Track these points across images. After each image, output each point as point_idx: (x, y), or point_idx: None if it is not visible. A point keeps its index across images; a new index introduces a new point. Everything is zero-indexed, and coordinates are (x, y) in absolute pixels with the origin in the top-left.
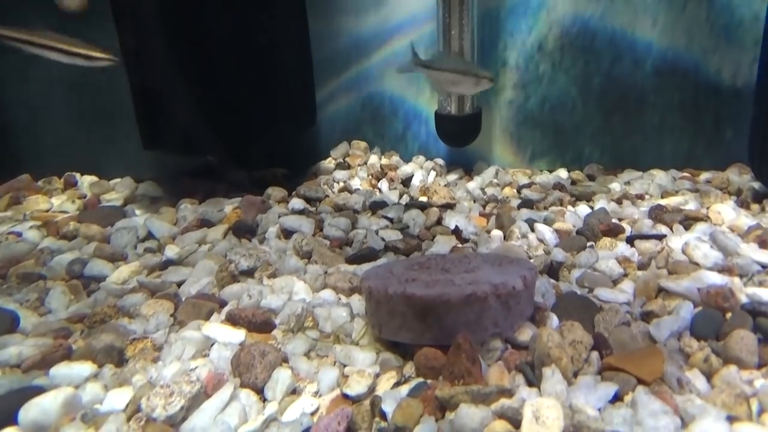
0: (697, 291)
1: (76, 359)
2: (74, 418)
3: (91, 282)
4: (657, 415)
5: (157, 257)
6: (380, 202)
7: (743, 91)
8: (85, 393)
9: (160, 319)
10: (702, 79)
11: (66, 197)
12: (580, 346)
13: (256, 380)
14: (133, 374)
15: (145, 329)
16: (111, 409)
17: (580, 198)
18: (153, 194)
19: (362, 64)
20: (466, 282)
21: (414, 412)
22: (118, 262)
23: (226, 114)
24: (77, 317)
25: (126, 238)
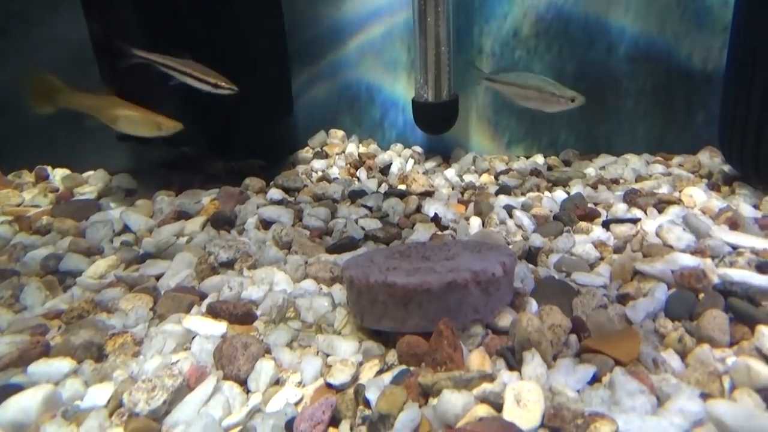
0: (671, 273)
1: (55, 356)
2: (55, 415)
3: (66, 277)
4: (634, 394)
5: (134, 251)
6: (359, 191)
7: (713, 75)
8: (65, 390)
9: (140, 314)
10: (674, 64)
11: (38, 191)
12: (559, 330)
13: (239, 372)
14: (114, 369)
15: (125, 324)
16: (92, 405)
17: (556, 183)
18: (128, 186)
19: (338, 52)
20: (447, 269)
21: (398, 399)
22: (94, 257)
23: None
24: (54, 313)
25: (102, 231)
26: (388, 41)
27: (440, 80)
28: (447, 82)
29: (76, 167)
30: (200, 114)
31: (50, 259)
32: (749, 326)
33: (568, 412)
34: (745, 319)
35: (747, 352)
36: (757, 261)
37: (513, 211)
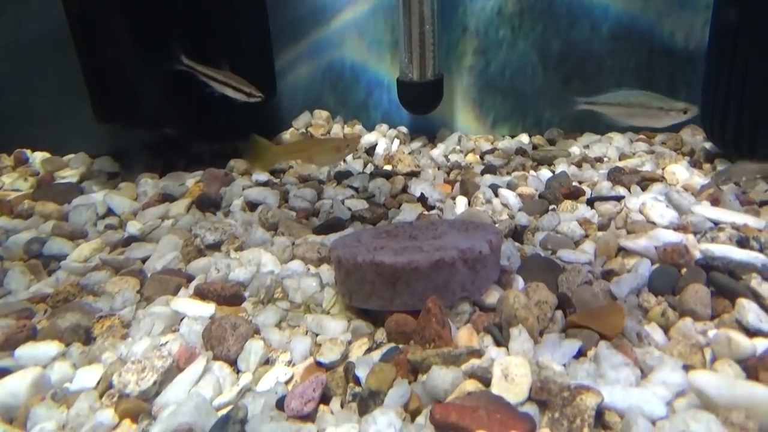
0: (654, 249)
1: (42, 339)
2: (44, 398)
3: (51, 261)
4: (618, 367)
5: (118, 234)
6: (345, 172)
7: (696, 53)
8: (53, 372)
9: (127, 296)
10: (656, 42)
11: (17, 175)
12: (545, 306)
13: (229, 352)
14: (102, 352)
15: (112, 307)
16: (81, 387)
17: (541, 162)
18: (110, 170)
19: (321, 31)
20: (434, 248)
21: (387, 376)
22: (78, 240)
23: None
24: (39, 297)
25: (85, 215)
26: (372, 20)
27: (425, 59)
28: (432, 60)
29: (56, 151)
30: (182, 96)
31: (33, 243)
32: (730, 299)
33: (555, 385)
34: (727, 292)
35: (728, 324)
36: (738, 236)
37: (499, 190)
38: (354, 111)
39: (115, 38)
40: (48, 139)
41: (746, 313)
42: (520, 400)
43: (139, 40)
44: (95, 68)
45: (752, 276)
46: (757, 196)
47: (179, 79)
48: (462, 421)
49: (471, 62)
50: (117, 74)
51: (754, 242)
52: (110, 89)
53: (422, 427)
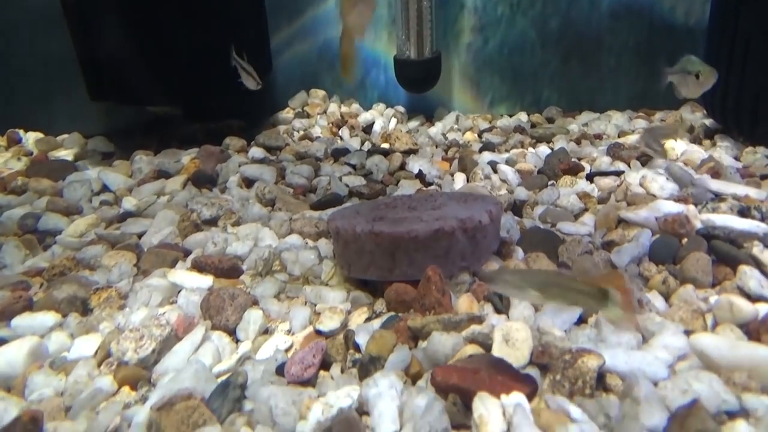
0: (655, 219)
1: (38, 310)
2: (42, 366)
3: (46, 236)
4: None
5: (114, 210)
6: (342, 149)
7: (696, 29)
8: (50, 342)
9: (123, 269)
10: (656, 18)
11: (11, 155)
12: None
13: (228, 322)
14: (100, 322)
15: (108, 279)
16: (80, 356)
17: (540, 140)
18: (104, 150)
19: (317, 8)
20: (434, 218)
21: (387, 342)
22: (73, 216)
23: (177, 63)
24: (35, 271)
25: (80, 191)
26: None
27: (422, 36)
28: (429, 38)
29: (49, 131)
30: (176, 75)
31: (28, 218)
32: (732, 267)
33: (556, 349)
34: (728, 260)
35: (729, 291)
36: (739, 206)
37: (497, 166)
38: (350, 90)
39: (108, 14)
40: (41, 119)
41: (748, 280)
42: (521, 364)
43: (132, 16)
44: (88, 45)
45: (754, 244)
46: (758, 170)
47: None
48: (463, 383)
49: (469, 40)
50: (110, 51)
51: (755, 212)
52: (104, 66)
53: (423, 390)
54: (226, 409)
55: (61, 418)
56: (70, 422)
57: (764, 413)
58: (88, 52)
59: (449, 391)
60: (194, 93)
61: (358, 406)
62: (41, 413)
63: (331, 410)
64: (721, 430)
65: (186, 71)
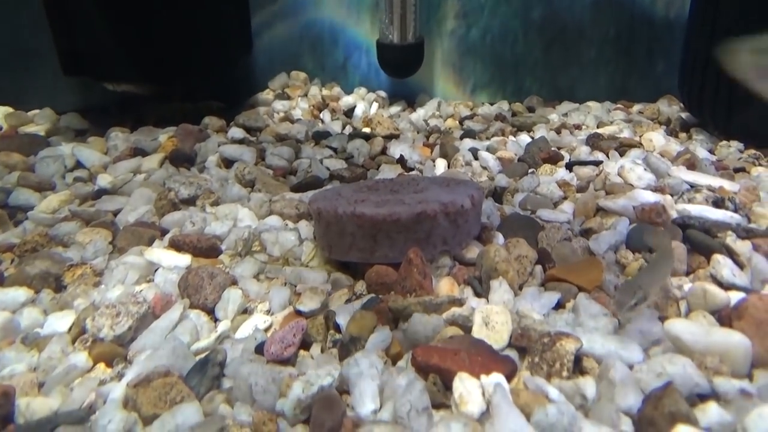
0: (632, 208)
1: (10, 285)
2: (14, 341)
3: (17, 212)
4: (597, 317)
5: (88, 186)
6: (323, 132)
7: (675, 23)
8: (23, 318)
9: (99, 246)
10: (637, 10)
11: None
12: (525, 260)
13: (206, 301)
14: (74, 298)
15: (83, 256)
16: (53, 332)
17: (521, 128)
18: (78, 127)
19: None
20: (416, 201)
21: (368, 323)
22: (45, 192)
23: (155, 40)
24: (5, 246)
25: (52, 167)
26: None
27: (406, 21)
28: (413, 23)
29: (18, 105)
30: (154, 53)
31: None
32: (705, 256)
33: (535, 332)
34: (702, 249)
35: (703, 279)
36: (713, 197)
37: (478, 153)
38: (332, 73)
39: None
40: (10, 93)
41: (721, 269)
42: (500, 347)
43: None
44: (63, 19)
45: (727, 234)
46: (731, 163)
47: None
48: (443, 363)
49: (452, 26)
50: (86, 26)
51: (729, 203)
52: (79, 40)
53: (404, 370)
54: (205, 386)
55: (34, 393)
56: (44, 398)
57: (734, 396)
58: (62, 26)
59: (429, 371)
60: (173, 72)
61: (338, 384)
62: (13, 388)
63: (311, 388)
64: (693, 412)
65: (164, 49)
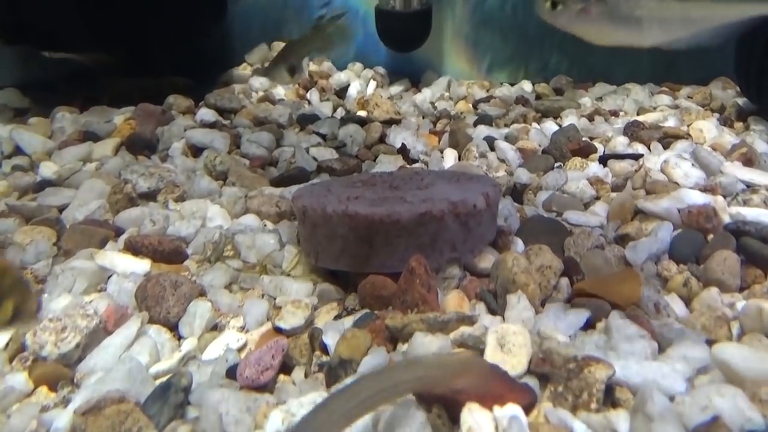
0: (677, 211)
1: None
2: None
3: None
4: (632, 339)
5: (29, 177)
6: (310, 116)
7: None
8: None
9: (41, 248)
10: None
11: None
12: (548, 272)
13: (168, 315)
14: None
15: (22, 259)
16: None
17: (546, 114)
18: (17, 105)
19: None
20: (420, 199)
21: (361, 343)
22: None
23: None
24: None
25: None
26: None
27: None
28: None
29: None
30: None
31: None
32: (762, 269)
33: (559, 357)
34: (759, 260)
35: (759, 295)
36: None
37: (495, 143)
38: None
39: None
40: None
41: None
42: (518, 373)
43: None
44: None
45: None
46: None
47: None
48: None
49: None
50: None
51: None
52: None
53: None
54: (166, 415)
55: None
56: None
57: None
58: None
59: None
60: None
61: None
62: None
63: (293, 419)
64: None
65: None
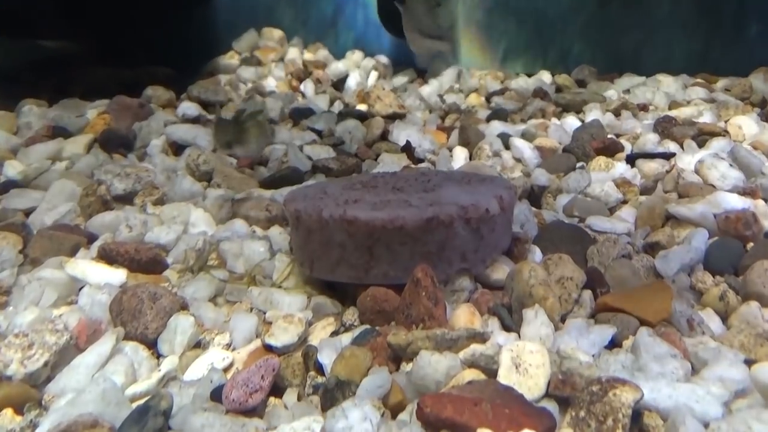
0: (713, 217)
1: None
2: None
3: None
4: (663, 359)
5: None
6: (304, 110)
7: None
8: None
9: (5, 256)
10: None
11: None
12: (569, 284)
13: (146, 330)
14: None
15: None
16: None
17: (567, 108)
18: None
19: None
20: (426, 203)
21: (360, 362)
22: None
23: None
24: None
25: None
26: None
27: None
28: None
29: None
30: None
31: None
32: None
33: (581, 378)
34: None
35: None
36: None
37: (510, 141)
38: (317, 31)
39: None
40: None
41: None
42: (535, 396)
43: None
44: None
45: None
46: None
47: None
48: (460, 417)
49: None
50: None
51: None
52: None
53: (406, 425)
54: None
55: None
56: None
57: None
58: None
59: (441, 428)
60: (106, 26)
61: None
62: None
63: None
64: None
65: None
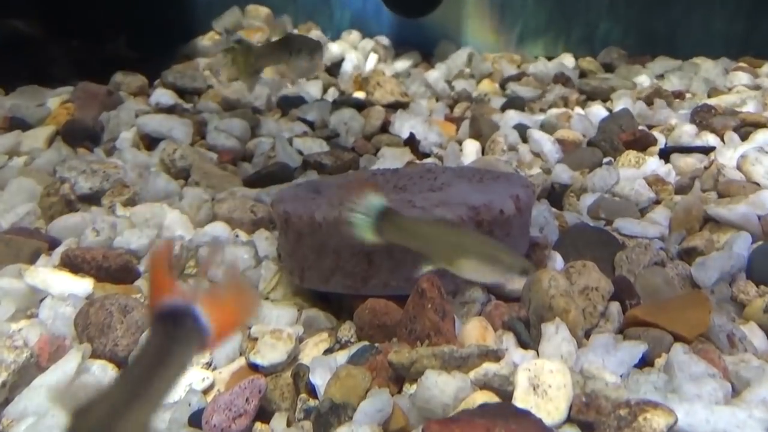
0: (758, 219)
1: None
2: None
3: None
4: (700, 379)
5: None
6: (294, 98)
7: None
8: None
9: None
10: None
11: None
12: (594, 295)
13: (116, 347)
14: None
15: None
16: None
17: (592, 96)
18: None
19: None
20: (432, 203)
21: (358, 383)
22: None
23: None
24: None
25: None
26: None
27: None
28: None
29: None
30: None
31: None
32: None
33: (607, 401)
34: None
35: None
36: None
37: (528, 133)
38: (309, 9)
39: None
40: None
41: None
42: (556, 421)
43: None
44: None
45: None
46: None
47: None
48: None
49: None
50: None
51: None
52: None
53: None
54: None
55: None
56: None
57: None
58: None
59: None
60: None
61: None
62: None
63: None
64: None
65: None
